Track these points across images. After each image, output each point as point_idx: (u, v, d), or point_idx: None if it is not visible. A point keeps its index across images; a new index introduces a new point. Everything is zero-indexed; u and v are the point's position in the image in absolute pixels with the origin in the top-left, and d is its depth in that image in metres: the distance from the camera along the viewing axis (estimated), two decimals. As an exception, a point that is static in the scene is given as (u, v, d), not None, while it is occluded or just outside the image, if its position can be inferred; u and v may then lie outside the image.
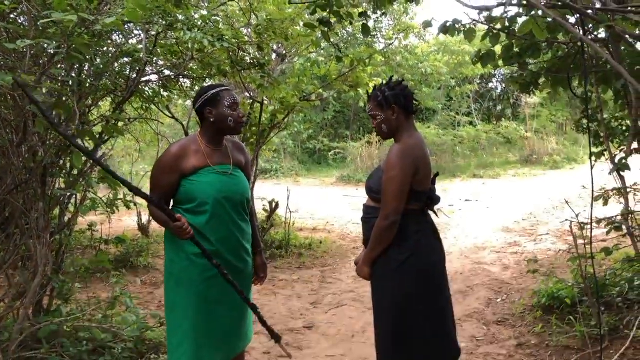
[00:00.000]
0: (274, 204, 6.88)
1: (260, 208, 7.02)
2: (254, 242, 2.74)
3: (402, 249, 2.51)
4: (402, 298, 2.52)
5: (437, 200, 2.64)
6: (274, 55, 8.26)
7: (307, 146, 19.30)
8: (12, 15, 3.16)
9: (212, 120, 2.53)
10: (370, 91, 2.70)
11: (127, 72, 3.99)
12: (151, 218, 7.63)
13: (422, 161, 2.53)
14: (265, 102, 6.62)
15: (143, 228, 7.26)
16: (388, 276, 2.55)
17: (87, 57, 2.92)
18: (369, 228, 2.62)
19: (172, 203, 2.59)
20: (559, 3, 2.46)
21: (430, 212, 2.71)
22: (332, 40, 4.43)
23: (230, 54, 4.83)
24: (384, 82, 2.70)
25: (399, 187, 2.46)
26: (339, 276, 5.93)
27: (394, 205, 2.46)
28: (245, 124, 6.13)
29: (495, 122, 20.38)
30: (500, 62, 4.08)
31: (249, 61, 5.30)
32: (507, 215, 9.29)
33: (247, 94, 6.60)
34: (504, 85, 22.02)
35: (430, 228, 2.65)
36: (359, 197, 12.13)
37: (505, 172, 16.00)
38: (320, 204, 11.30)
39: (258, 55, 5.62)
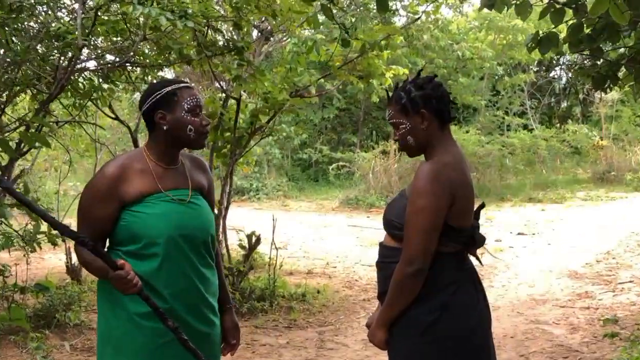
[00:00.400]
0: (253, 238, 6.89)
1: (234, 242, 7.03)
2: (222, 296, 2.71)
3: (431, 306, 2.51)
4: None
5: (481, 240, 2.64)
6: (255, 34, 8.33)
7: (299, 157, 19.40)
8: None
9: (164, 128, 2.49)
10: (391, 90, 2.71)
11: (56, 59, 4.03)
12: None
13: (461, 187, 2.53)
14: (244, 99, 6.66)
15: (73, 271, 7.26)
16: (410, 343, 2.54)
17: (1, 39, 2.96)
18: (386, 276, 2.60)
19: (107, 243, 2.53)
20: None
21: (471, 256, 2.72)
22: (336, 16, 4.48)
23: (197, 33, 4.88)
24: (409, 78, 2.71)
25: (428, 221, 2.45)
26: (344, 340, 5.92)
27: (420, 247, 2.46)
28: (218, 131, 6.16)
29: (558, 126, 20.48)
30: (566, 48, 4.13)
31: (221, 44, 5.35)
32: (575, 255, 9.29)
33: (219, 87, 6.66)
34: (570, 76, 22.17)
35: (470, 277, 2.65)
36: (371, 228, 12.13)
37: (572, 195, 16.03)
38: (317, 238, 11.29)
39: (234, 36, 5.68)
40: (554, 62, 22.00)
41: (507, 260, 9.07)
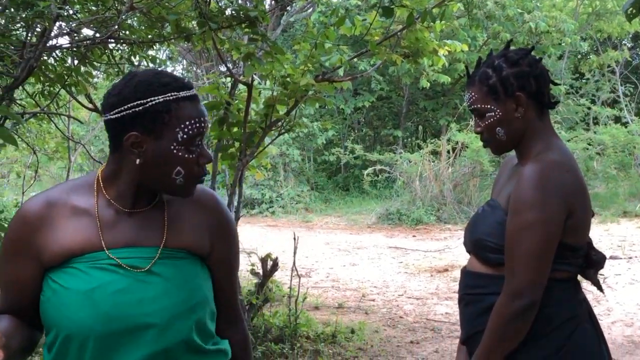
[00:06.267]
0: (269, 263, 6.92)
1: (244, 268, 7.06)
2: None
3: (544, 351, 2.51)
4: None
5: (601, 260, 2.61)
6: (269, 2, 8.38)
7: (324, 159, 19.43)
8: None
9: (136, 161, 1.92)
10: (472, 67, 2.69)
11: (22, 33, 4.10)
12: None
13: (578, 192, 2.50)
14: (256, 84, 6.70)
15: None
16: None
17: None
18: (478, 313, 2.60)
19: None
20: None
21: (583, 281, 2.69)
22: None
23: (198, 0, 4.93)
24: (496, 51, 2.71)
25: (541, 240, 2.41)
26: (386, 393, 5.93)
27: (531, 274, 2.42)
28: (224, 126, 6.17)
29: (661, 118, 20.35)
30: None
31: (229, 13, 5.38)
32: (686, 285, 9.24)
33: (225, 70, 6.70)
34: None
35: (587, 311, 2.63)
36: (418, 250, 12.13)
37: (680, 207, 15.94)
38: (348, 263, 11.30)
39: (244, 4, 5.72)
40: (656, 35, 21.87)
41: (597, 293, 8.98)
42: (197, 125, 1.93)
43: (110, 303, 1.82)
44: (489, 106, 2.56)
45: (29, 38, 3.91)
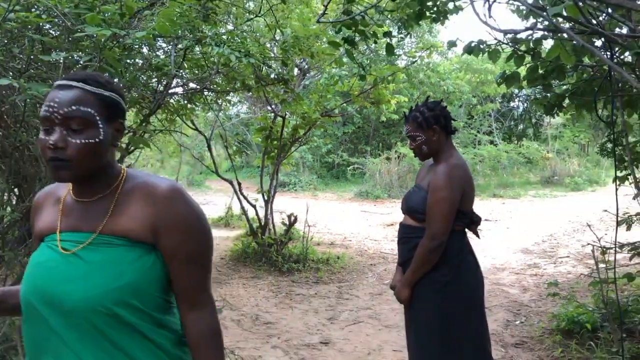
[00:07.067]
0: (292, 218, 6.90)
1: (278, 221, 7.05)
2: None
3: (446, 269, 2.50)
4: (448, 315, 2.51)
5: (479, 220, 2.63)
6: (296, 71, 8.35)
7: (325, 160, 19.35)
8: (46, 27, 3.26)
9: None
10: (407, 112, 2.69)
11: (154, 85, 4.07)
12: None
13: (468, 181, 2.54)
14: (287, 117, 6.68)
15: None
16: (432, 297, 2.53)
17: (118, 70, 2.99)
18: (409, 249, 2.59)
19: None
20: (587, 29, 2.46)
21: (469, 232, 2.69)
22: (356, 58, 4.47)
23: (255, 68, 4.90)
24: (420, 102, 2.71)
25: (448, 208, 2.44)
26: (356, 292, 5.91)
27: (442, 226, 2.45)
28: (268, 140, 6.14)
29: (516, 142, 20.24)
30: (525, 84, 4.08)
31: (273, 76, 5.36)
32: (527, 237, 9.19)
33: (270, 108, 6.67)
34: (525, 105, 21.90)
35: (469, 248, 2.64)
36: (377, 213, 12.10)
37: (525, 193, 15.85)
38: (338, 219, 11.29)
39: (281, 71, 5.69)
40: (514, 95, 21.74)
41: (476, 240, 8.96)
42: (45, 107, 1.26)
43: (42, 277, 1.30)
44: (418, 134, 2.58)
45: (158, 87, 3.89)
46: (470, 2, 2.70)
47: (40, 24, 2.80)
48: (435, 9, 3.91)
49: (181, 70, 4.31)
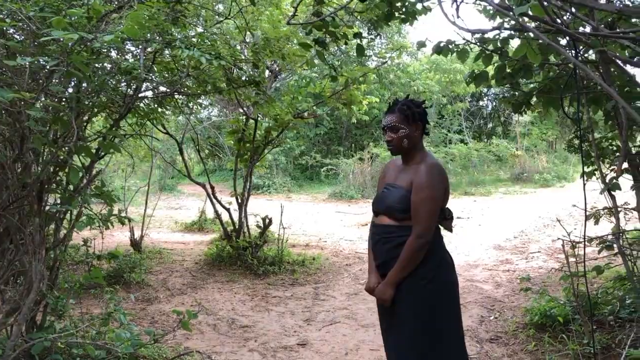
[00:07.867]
0: (267, 220, 6.88)
1: (252, 224, 7.01)
2: None
3: (429, 265, 2.54)
4: (435, 307, 2.55)
5: (451, 216, 2.66)
6: (267, 73, 8.32)
7: (299, 162, 19.34)
8: (10, 31, 3.19)
9: None
10: (380, 110, 2.72)
11: (124, 89, 4.00)
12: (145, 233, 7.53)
13: (447, 180, 2.60)
14: (260, 119, 6.65)
15: (135, 243, 7.23)
16: (420, 292, 2.54)
17: (86, 74, 2.94)
18: (389, 249, 2.58)
19: None
20: (552, 28, 2.51)
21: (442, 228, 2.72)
22: (327, 59, 4.48)
23: (226, 71, 4.86)
24: (404, 98, 2.74)
25: (434, 205, 2.48)
26: (332, 293, 5.92)
27: (429, 224, 2.48)
28: (241, 143, 6.09)
29: (486, 140, 20.57)
30: (493, 82, 4.14)
31: (244, 78, 5.33)
32: (499, 233, 9.33)
33: (242, 110, 6.64)
34: (494, 104, 22.23)
35: (443, 243, 2.70)
36: (351, 213, 12.13)
37: (496, 190, 16.10)
38: (312, 221, 11.28)
39: (253, 73, 5.66)
40: (483, 94, 22.05)
41: (449, 237, 9.06)
42: None
43: None
44: (402, 126, 2.58)
45: (128, 91, 3.83)
46: (439, 2, 2.73)
47: (4, 28, 2.74)
48: (404, 9, 3.95)
49: (151, 74, 4.24)
